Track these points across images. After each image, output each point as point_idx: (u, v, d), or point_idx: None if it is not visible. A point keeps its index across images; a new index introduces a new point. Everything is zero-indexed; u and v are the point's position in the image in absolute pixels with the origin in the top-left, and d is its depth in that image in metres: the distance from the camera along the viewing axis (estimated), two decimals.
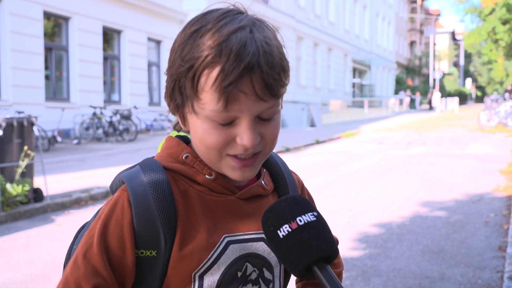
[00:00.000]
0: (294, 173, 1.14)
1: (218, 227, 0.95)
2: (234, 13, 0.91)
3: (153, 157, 1.01)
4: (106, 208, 0.93)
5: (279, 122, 0.95)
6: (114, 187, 1.01)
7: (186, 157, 0.97)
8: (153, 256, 0.91)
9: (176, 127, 1.04)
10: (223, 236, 0.95)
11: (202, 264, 0.92)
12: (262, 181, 1.02)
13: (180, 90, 0.91)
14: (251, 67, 0.85)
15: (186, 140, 1.03)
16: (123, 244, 0.90)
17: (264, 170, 1.06)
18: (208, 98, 0.87)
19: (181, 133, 1.06)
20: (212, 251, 0.93)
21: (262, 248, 0.98)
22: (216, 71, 0.85)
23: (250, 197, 1.00)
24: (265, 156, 0.96)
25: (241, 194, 0.98)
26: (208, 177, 0.96)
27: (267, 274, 0.99)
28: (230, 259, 0.94)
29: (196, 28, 0.90)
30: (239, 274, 0.95)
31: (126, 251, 0.90)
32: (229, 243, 0.95)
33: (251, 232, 0.98)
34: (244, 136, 0.89)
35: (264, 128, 0.92)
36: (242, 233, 0.97)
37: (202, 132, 0.91)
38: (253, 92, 0.86)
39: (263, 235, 0.98)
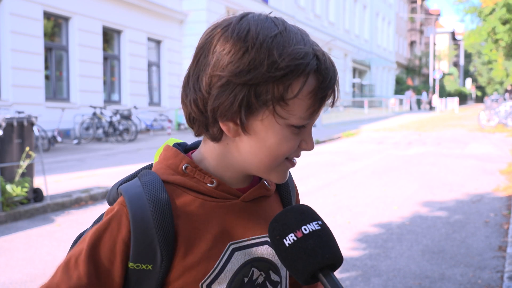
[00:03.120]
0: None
1: (225, 234, 0.95)
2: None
3: (151, 167, 1.00)
4: (104, 219, 0.94)
5: None
6: (111, 199, 1.00)
7: (186, 167, 0.96)
8: (148, 270, 0.92)
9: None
10: (229, 244, 0.95)
11: (209, 274, 0.93)
12: (265, 182, 1.03)
13: (257, 95, 0.87)
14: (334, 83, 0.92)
15: (184, 148, 1.03)
16: (113, 258, 0.91)
17: None
18: (298, 105, 0.88)
19: (178, 140, 1.05)
20: (218, 260, 0.93)
21: (267, 251, 0.99)
22: (314, 79, 0.88)
23: (254, 199, 1.00)
24: None
25: (245, 197, 0.98)
26: (210, 185, 0.95)
27: (273, 276, 1.00)
28: (236, 266, 0.95)
29: (275, 33, 0.88)
30: (246, 280, 0.96)
31: (115, 264, 0.91)
32: (234, 250, 0.95)
33: (256, 237, 0.98)
34: (309, 141, 0.95)
35: None
36: (246, 239, 0.97)
37: (279, 139, 0.91)
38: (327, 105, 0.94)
39: (267, 238, 0.99)
